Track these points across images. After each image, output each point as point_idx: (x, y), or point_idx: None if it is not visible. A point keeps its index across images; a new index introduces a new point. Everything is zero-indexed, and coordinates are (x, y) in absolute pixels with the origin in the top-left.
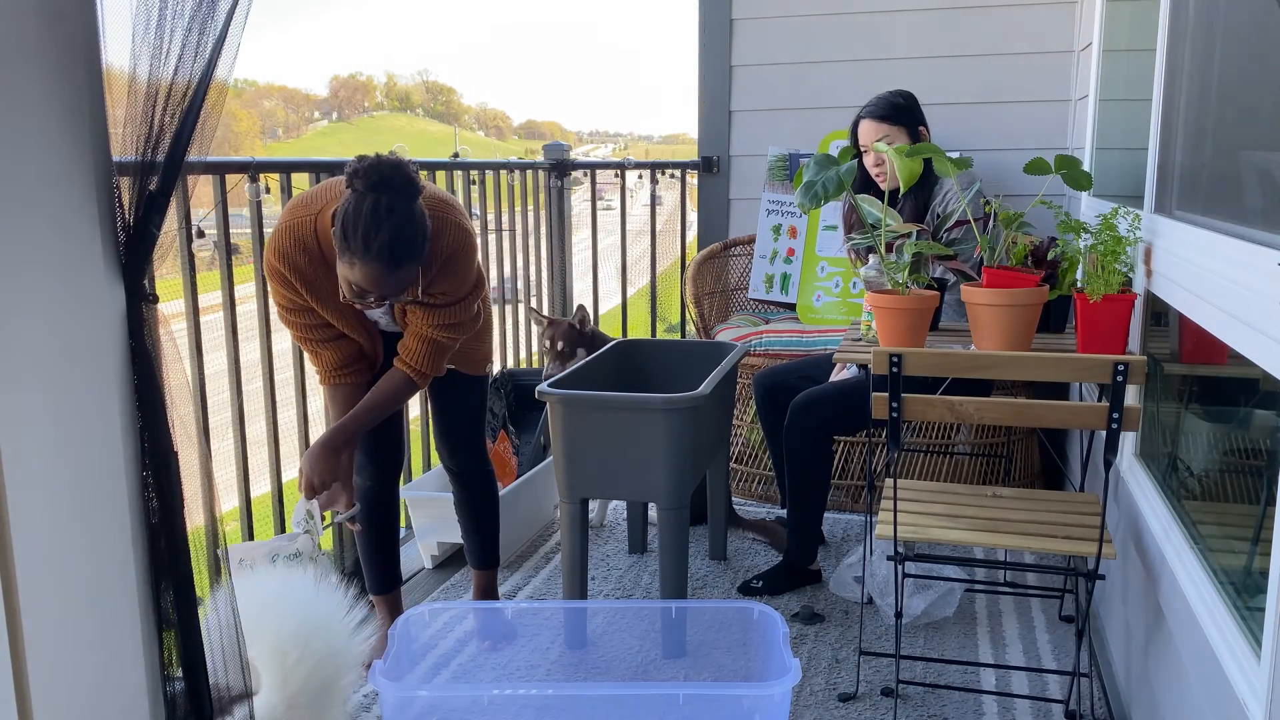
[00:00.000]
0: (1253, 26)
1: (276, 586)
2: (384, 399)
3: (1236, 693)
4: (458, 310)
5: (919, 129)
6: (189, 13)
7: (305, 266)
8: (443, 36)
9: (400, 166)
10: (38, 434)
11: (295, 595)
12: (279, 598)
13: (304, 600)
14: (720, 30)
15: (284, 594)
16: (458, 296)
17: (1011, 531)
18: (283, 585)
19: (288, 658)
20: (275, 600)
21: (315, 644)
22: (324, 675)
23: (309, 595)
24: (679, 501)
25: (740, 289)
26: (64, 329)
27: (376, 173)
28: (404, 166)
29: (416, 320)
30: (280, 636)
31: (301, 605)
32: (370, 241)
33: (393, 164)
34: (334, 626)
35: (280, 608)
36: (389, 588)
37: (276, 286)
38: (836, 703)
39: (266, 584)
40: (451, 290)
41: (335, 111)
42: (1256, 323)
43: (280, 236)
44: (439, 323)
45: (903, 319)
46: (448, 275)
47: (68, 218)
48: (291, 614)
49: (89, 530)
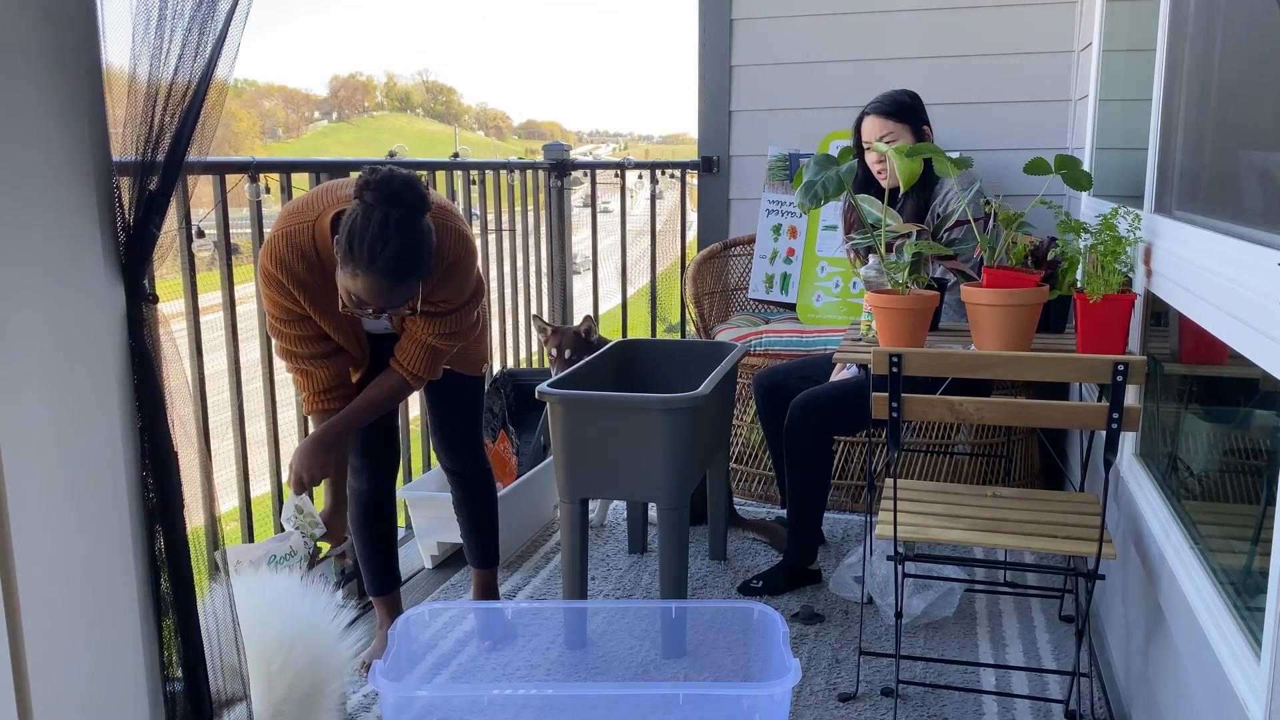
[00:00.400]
0: (1253, 26)
1: (260, 591)
2: (378, 399)
3: (1236, 693)
4: (457, 318)
5: (923, 128)
6: (189, 13)
7: (304, 274)
8: (432, 21)
9: (412, 183)
10: (38, 434)
11: (278, 600)
12: (262, 603)
13: (287, 605)
14: (720, 30)
15: (267, 599)
16: (457, 304)
17: (1011, 531)
18: (266, 590)
19: (270, 664)
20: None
21: (299, 650)
22: (309, 681)
23: (293, 599)
24: (679, 501)
25: (740, 289)
26: (64, 329)
27: (388, 187)
28: (415, 183)
29: (415, 328)
30: (264, 643)
31: (285, 610)
32: (376, 255)
33: (404, 179)
34: (319, 632)
35: (263, 613)
36: (388, 589)
37: (273, 295)
38: (836, 703)
39: (250, 588)
40: (451, 298)
41: (335, 111)
42: (1256, 323)
43: (277, 243)
44: (438, 331)
45: (903, 319)
46: (448, 283)
47: (68, 218)
48: (274, 620)
49: (89, 530)
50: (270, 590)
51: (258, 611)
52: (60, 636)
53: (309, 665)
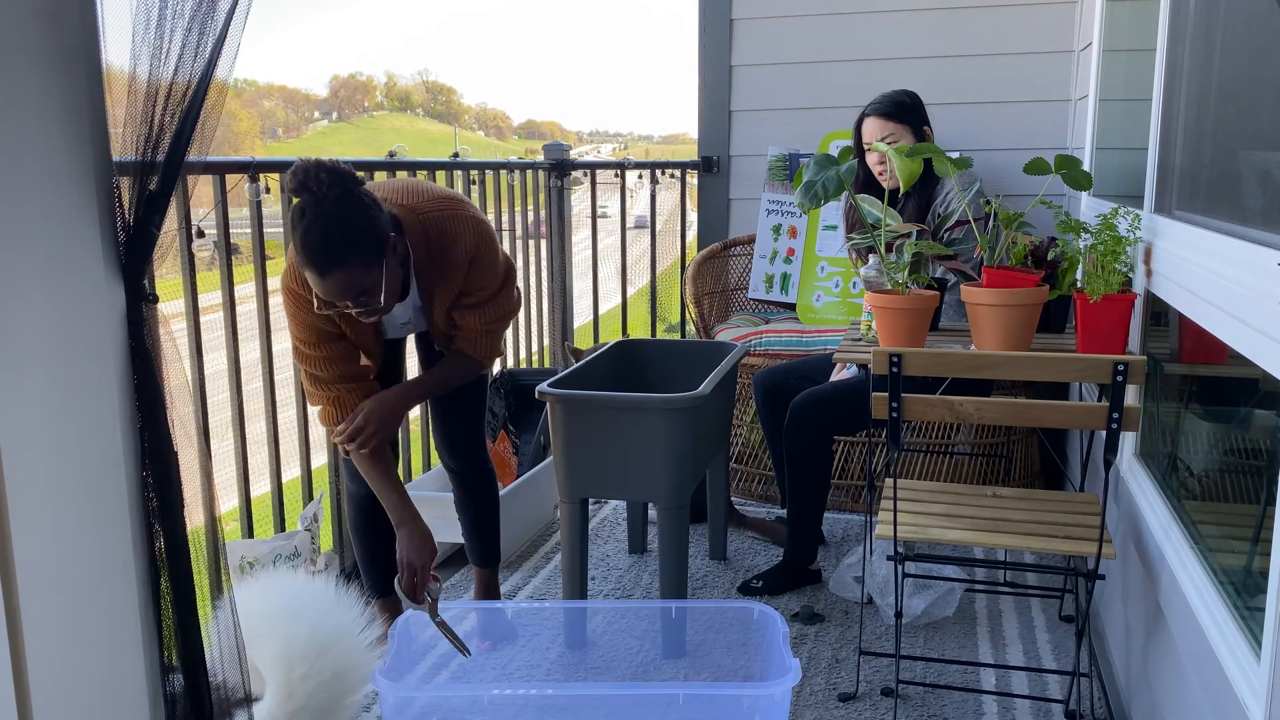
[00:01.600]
0: (1253, 26)
1: (294, 593)
2: (450, 375)
3: (1236, 693)
4: (498, 304)
5: (924, 128)
6: (189, 13)
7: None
8: (425, 13)
9: (320, 166)
10: (38, 433)
11: (311, 607)
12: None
13: (319, 613)
14: (720, 30)
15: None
16: (493, 290)
17: (1011, 531)
18: (300, 593)
19: (294, 671)
20: (290, 609)
21: (324, 661)
22: (329, 694)
23: (325, 608)
24: (679, 501)
25: (740, 289)
26: (64, 329)
27: (294, 179)
28: (325, 166)
29: (465, 321)
30: (290, 648)
31: (316, 618)
32: (301, 250)
33: (308, 166)
34: (346, 644)
35: (294, 618)
36: (388, 590)
37: (302, 315)
38: (836, 703)
39: (285, 589)
40: (487, 284)
41: (335, 111)
42: (1256, 323)
43: (286, 276)
44: (487, 321)
45: (903, 319)
46: (478, 274)
47: (68, 218)
48: (304, 626)
49: (89, 530)
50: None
51: (289, 614)
52: (60, 636)
53: (332, 679)
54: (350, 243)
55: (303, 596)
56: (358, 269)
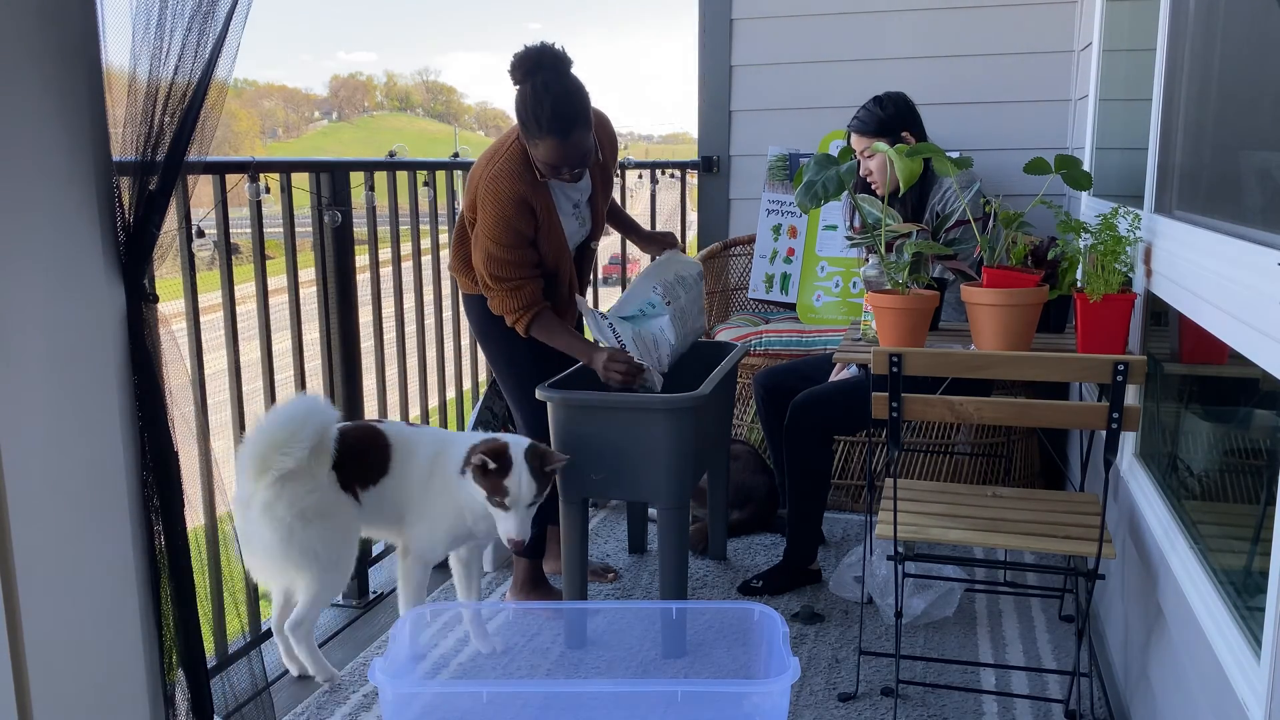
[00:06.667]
0: (1253, 26)
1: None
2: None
3: (1236, 693)
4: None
5: (902, 134)
6: (189, 13)
7: (529, 193)
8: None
9: (546, 47)
10: (38, 433)
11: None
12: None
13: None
14: (720, 30)
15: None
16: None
17: (1011, 531)
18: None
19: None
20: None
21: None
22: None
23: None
24: (679, 501)
25: (740, 289)
26: (64, 329)
27: (529, 60)
28: (549, 47)
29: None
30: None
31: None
32: (542, 119)
33: (538, 48)
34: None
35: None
36: None
37: (510, 217)
38: (836, 702)
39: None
40: (613, 164)
41: (335, 111)
42: (1256, 323)
43: (498, 181)
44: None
45: (903, 319)
46: (609, 148)
47: (68, 218)
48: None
49: (89, 529)
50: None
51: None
52: (60, 636)
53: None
54: (587, 107)
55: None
56: (589, 131)
